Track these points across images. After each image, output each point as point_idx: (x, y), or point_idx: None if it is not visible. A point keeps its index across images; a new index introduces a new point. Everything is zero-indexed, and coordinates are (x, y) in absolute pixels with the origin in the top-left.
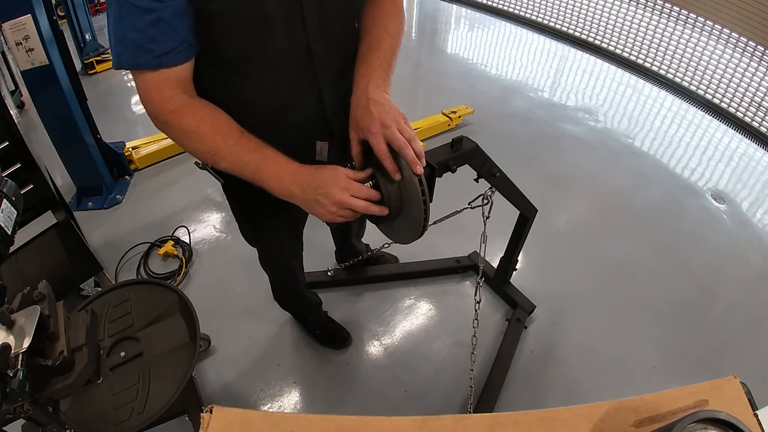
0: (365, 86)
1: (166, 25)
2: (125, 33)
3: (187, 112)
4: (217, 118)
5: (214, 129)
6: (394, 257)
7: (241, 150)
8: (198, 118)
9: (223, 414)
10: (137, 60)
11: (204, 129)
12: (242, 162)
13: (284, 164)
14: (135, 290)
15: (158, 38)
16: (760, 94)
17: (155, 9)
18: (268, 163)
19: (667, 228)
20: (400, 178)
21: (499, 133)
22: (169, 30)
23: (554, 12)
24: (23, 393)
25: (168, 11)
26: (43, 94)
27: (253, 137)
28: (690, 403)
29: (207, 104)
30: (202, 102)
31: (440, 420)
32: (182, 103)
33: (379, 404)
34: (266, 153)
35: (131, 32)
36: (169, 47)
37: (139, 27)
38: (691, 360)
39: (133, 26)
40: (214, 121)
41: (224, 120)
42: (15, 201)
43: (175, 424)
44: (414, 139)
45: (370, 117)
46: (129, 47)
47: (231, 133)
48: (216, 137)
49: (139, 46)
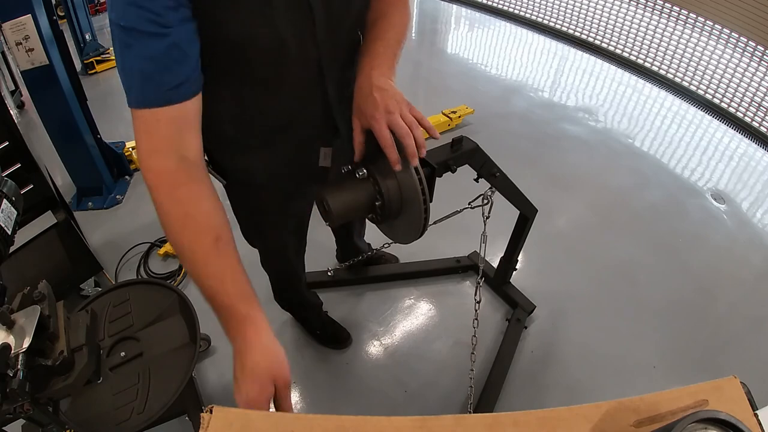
0: (369, 73)
1: (179, 51)
2: (133, 63)
3: (165, 185)
4: (197, 209)
5: (186, 224)
6: (394, 257)
7: (205, 264)
8: (174, 199)
9: (223, 414)
10: (145, 94)
11: (175, 218)
12: (201, 279)
13: (245, 307)
14: (135, 290)
15: (171, 67)
16: (760, 94)
17: (169, 33)
18: (228, 298)
19: (667, 228)
20: (400, 169)
21: (499, 133)
22: (183, 57)
23: (554, 12)
24: (23, 393)
25: (181, 35)
26: (43, 94)
27: (230, 252)
28: (690, 403)
29: (196, 182)
30: (193, 176)
31: (440, 420)
32: (168, 169)
33: (379, 404)
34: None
35: (140, 61)
36: (183, 77)
37: (151, 54)
38: (691, 360)
39: (143, 54)
40: (192, 212)
41: (204, 216)
42: (15, 201)
43: (175, 424)
44: (416, 126)
45: (373, 103)
46: (137, 80)
47: (202, 239)
48: (184, 235)
49: (149, 78)
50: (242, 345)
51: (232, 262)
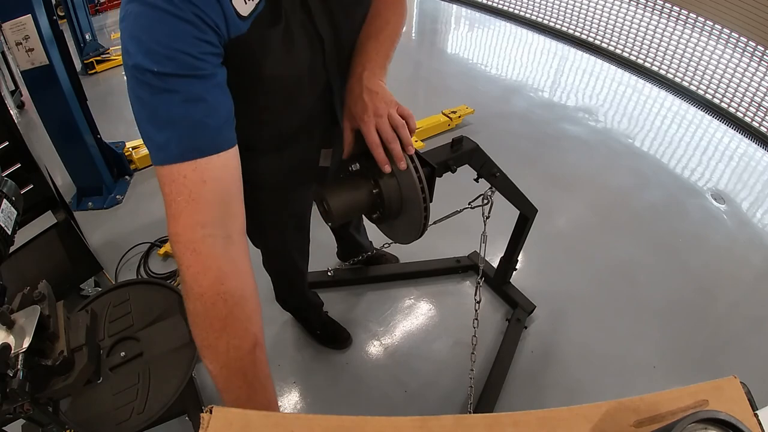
0: (360, 74)
1: (223, 92)
2: (170, 109)
3: (211, 273)
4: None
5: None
6: (394, 257)
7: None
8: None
9: (223, 414)
10: (196, 143)
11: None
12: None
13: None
14: (135, 290)
15: (218, 109)
16: (760, 94)
17: (214, 74)
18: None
19: (667, 228)
20: (389, 169)
21: (499, 133)
22: (225, 98)
23: (554, 12)
24: (23, 393)
25: (222, 76)
26: (43, 94)
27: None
28: (690, 403)
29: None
30: (238, 260)
31: (440, 420)
32: (212, 247)
33: (379, 404)
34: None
35: (185, 106)
36: (223, 119)
37: (197, 96)
38: (691, 360)
39: (188, 98)
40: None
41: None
42: (15, 201)
43: (175, 424)
44: (402, 127)
45: (362, 105)
46: (179, 129)
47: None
48: (223, 333)
49: (195, 123)
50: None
51: (264, 369)
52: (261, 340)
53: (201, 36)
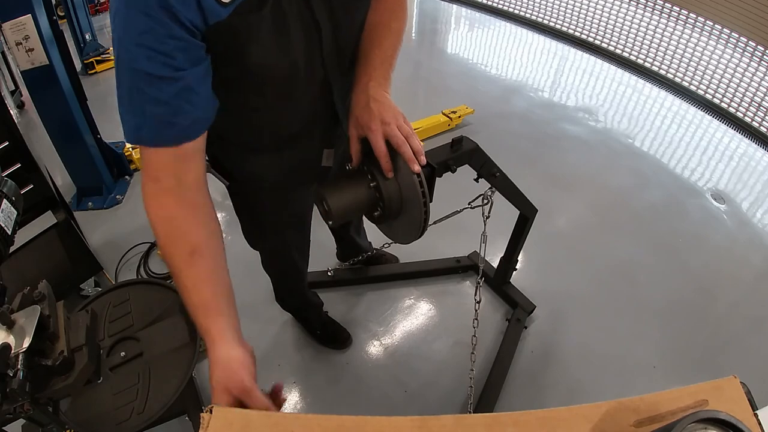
0: (366, 84)
1: (191, 93)
2: (144, 107)
3: (154, 203)
4: (177, 226)
5: (169, 237)
6: (394, 257)
7: (178, 275)
8: (160, 217)
9: (223, 414)
10: (161, 137)
11: (161, 232)
12: (178, 288)
13: (207, 321)
14: (135, 290)
15: (183, 108)
16: (760, 94)
17: (182, 77)
18: (194, 310)
19: (667, 228)
20: (392, 176)
21: (499, 133)
22: (195, 97)
23: (554, 12)
24: (23, 393)
25: (194, 75)
26: (43, 94)
27: (203, 265)
28: (690, 403)
29: (184, 201)
30: (183, 197)
31: (440, 420)
32: (159, 189)
33: (379, 404)
34: (194, 296)
35: (151, 106)
36: (194, 117)
37: (163, 99)
38: (691, 360)
39: (156, 98)
40: (173, 228)
41: (183, 232)
42: (15, 201)
43: (175, 424)
44: (412, 136)
45: (369, 114)
46: (149, 122)
47: (179, 251)
48: (166, 248)
49: (162, 122)
50: (209, 355)
51: (199, 272)
52: (201, 248)
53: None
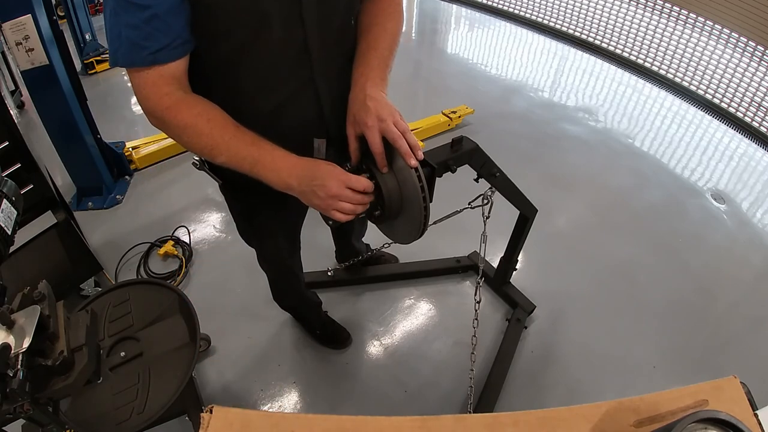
0: (363, 84)
1: (161, 22)
2: (120, 30)
3: (183, 107)
4: (213, 113)
5: (211, 123)
6: (394, 257)
7: (237, 144)
8: (194, 113)
9: (223, 414)
10: (132, 57)
11: (201, 124)
12: (239, 156)
13: (281, 156)
14: (135, 290)
15: (153, 35)
16: (760, 94)
17: (150, 5)
18: (265, 156)
19: (667, 228)
20: (387, 171)
21: (499, 133)
22: (164, 26)
23: (554, 12)
24: (23, 393)
25: (163, 7)
26: (43, 94)
27: (249, 131)
28: (690, 403)
29: (202, 99)
30: (198, 97)
31: (440, 420)
32: (178, 98)
33: (379, 404)
34: (263, 146)
35: (126, 29)
36: (164, 43)
37: (134, 24)
38: (691, 360)
39: (128, 23)
40: (210, 116)
41: (220, 114)
42: (15, 201)
43: (175, 424)
44: (408, 132)
45: (366, 111)
46: (124, 44)
47: (227, 127)
48: (213, 131)
49: (134, 44)
50: (308, 163)
51: (249, 133)
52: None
53: None
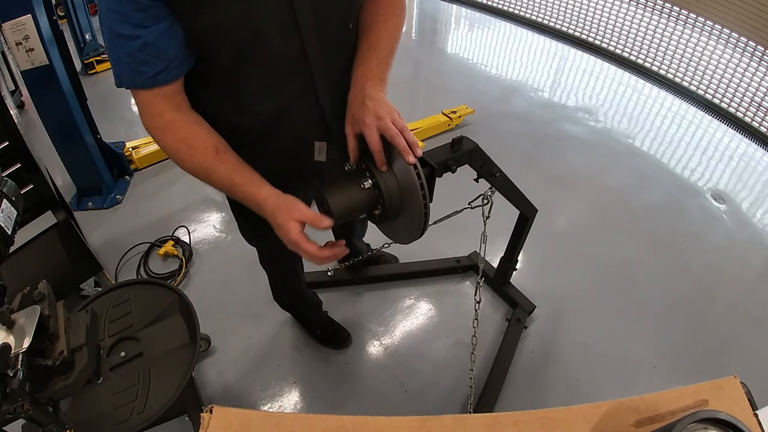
0: (362, 84)
1: (153, 48)
2: (120, 57)
3: (170, 131)
4: (196, 139)
5: (192, 150)
6: (394, 257)
7: (215, 171)
8: (179, 138)
9: (223, 414)
10: (134, 80)
11: (183, 150)
12: (219, 184)
13: (254, 190)
14: (135, 290)
15: (149, 61)
16: (760, 94)
17: (139, 35)
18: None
19: (667, 228)
20: (386, 169)
21: (499, 133)
22: (158, 52)
23: (554, 12)
24: (23, 393)
25: (152, 35)
26: (43, 94)
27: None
28: (690, 403)
29: (190, 122)
30: (187, 119)
31: (440, 420)
32: (167, 120)
33: (379, 404)
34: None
35: (124, 56)
36: (161, 67)
37: (129, 52)
38: (691, 360)
39: (124, 51)
40: (193, 142)
41: (204, 140)
42: (15, 201)
43: (175, 424)
44: (406, 129)
45: (365, 110)
46: (125, 71)
47: (206, 156)
48: (194, 158)
49: (133, 69)
50: (267, 214)
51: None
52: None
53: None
